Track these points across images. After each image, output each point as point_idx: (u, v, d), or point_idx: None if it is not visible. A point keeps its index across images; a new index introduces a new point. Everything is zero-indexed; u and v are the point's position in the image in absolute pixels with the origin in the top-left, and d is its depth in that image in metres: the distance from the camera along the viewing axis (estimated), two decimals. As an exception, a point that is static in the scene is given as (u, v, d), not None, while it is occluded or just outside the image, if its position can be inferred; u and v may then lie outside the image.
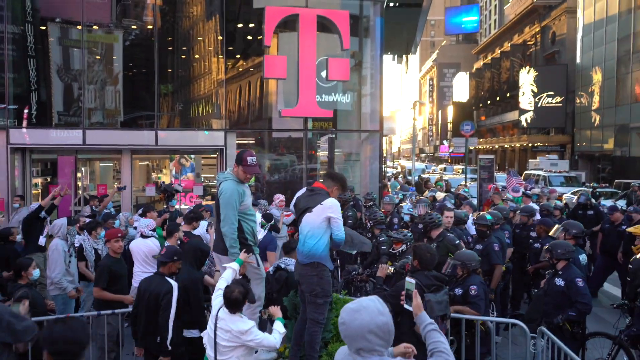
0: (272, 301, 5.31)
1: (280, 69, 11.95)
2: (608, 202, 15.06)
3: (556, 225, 7.74)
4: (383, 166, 16.38)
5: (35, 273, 5.64)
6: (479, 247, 7.23)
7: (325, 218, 4.56)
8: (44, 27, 12.63)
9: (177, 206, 10.13)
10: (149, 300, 4.98)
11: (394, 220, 9.11)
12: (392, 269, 4.92)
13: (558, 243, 6.13)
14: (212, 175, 14.55)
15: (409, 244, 6.45)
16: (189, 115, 14.43)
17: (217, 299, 4.17)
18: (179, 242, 6.53)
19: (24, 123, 12.15)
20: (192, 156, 13.88)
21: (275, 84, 13.65)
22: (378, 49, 13.91)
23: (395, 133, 75.43)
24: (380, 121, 13.93)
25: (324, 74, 12.73)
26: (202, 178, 14.38)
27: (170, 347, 4.86)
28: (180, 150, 13.53)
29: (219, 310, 4.07)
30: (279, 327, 4.22)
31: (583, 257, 6.77)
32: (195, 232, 7.39)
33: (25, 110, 12.20)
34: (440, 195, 13.86)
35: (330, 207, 4.57)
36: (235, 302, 3.98)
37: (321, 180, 5.25)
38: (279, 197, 9.91)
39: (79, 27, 12.54)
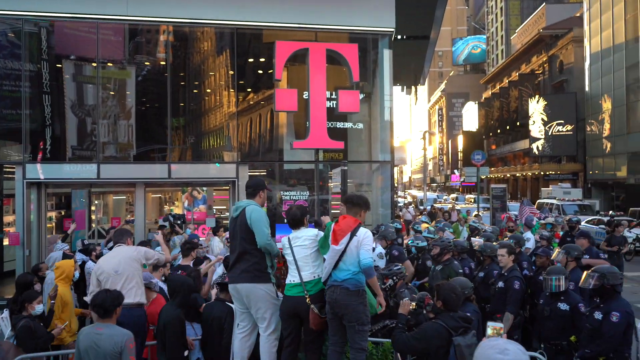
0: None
1: (291, 102, 12.07)
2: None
3: (557, 249, 7.61)
4: (394, 196, 16.33)
5: (38, 308, 5.60)
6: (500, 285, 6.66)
7: (357, 247, 4.61)
8: (59, 65, 12.90)
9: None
10: (213, 326, 5.13)
11: (394, 252, 8.37)
12: (414, 304, 4.78)
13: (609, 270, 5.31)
14: (225, 207, 14.58)
15: (395, 278, 6.14)
16: (200, 148, 14.55)
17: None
18: (162, 277, 6.38)
19: (39, 158, 12.32)
20: (204, 188, 13.94)
21: (285, 117, 13.76)
22: (387, 80, 14.02)
23: (406, 163, 75.40)
24: (391, 152, 13.95)
25: (334, 105, 12.83)
26: (214, 210, 14.41)
27: None
28: (192, 182, 13.61)
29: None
30: None
31: None
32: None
33: (40, 146, 12.40)
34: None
35: (365, 237, 4.66)
36: (298, 219, 4.93)
37: (342, 208, 5.27)
38: None
39: (94, 64, 12.81)
